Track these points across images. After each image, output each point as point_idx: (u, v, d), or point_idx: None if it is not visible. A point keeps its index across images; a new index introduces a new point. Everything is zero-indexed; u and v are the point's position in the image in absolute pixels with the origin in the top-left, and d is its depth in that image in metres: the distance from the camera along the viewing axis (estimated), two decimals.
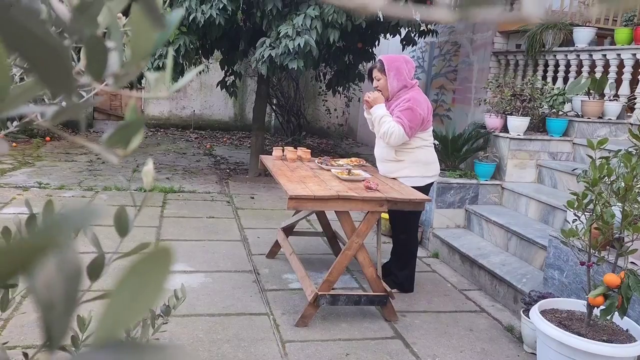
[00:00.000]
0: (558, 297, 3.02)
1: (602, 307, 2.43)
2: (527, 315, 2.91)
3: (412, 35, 6.72)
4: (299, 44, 5.06)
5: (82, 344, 0.74)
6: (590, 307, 2.53)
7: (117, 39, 0.30)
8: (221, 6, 5.14)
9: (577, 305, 2.78)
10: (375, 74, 3.56)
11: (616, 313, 2.37)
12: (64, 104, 0.33)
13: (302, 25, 5.10)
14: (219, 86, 7.05)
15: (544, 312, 2.68)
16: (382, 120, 3.45)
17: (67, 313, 0.21)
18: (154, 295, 0.20)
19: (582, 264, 2.60)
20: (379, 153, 3.65)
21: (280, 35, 5.18)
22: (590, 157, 2.48)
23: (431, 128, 3.61)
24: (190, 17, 5.18)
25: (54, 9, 0.31)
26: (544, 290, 3.20)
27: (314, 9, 5.11)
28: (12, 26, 0.18)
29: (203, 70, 8.41)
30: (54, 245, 0.19)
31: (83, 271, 0.22)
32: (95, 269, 0.52)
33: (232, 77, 6.89)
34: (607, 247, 2.75)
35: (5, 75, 0.22)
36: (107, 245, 0.72)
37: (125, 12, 0.38)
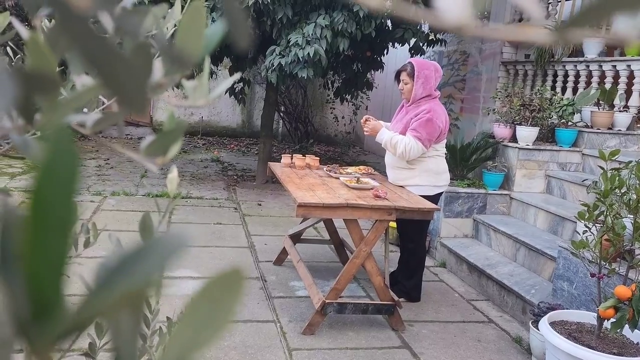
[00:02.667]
0: (567, 308, 3.00)
1: (612, 319, 2.41)
2: (536, 327, 2.89)
3: (420, 44, 6.73)
4: (308, 53, 5.09)
5: (100, 350, 0.74)
6: (601, 319, 2.51)
7: (163, 46, 0.30)
8: None
9: (587, 317, 2.75)
10: (404, 77, 3.50)
11: (627, 326, 2.35)
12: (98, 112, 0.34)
13: (312, 34, 5.12)
14: (227, 93, 7.08)
15: (553, 324, 2.66)
16: (392, 141, 3.42)
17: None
18: (224, 320, 0.20)
19: (593, 275, 2.58)
20: (390, 160, 3.64)
21: (290, 43, 5.21)
22: (602, 168, 2.47)
23: (445, 139, 3.60)
24: None
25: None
26: (552, 301, 3.18)
27: (324, 18, 5.13)
28: (95, 45, 0.18)
29: (212, 77, 8.46)
30: (151, 287, 0.18)
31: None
32: None
33: (241, 84, 6.93)
34: (618, 259, 2.73)
35: (57, 89, 0.23)
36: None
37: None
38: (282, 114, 9.72)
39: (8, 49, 0.90)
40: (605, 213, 2.44)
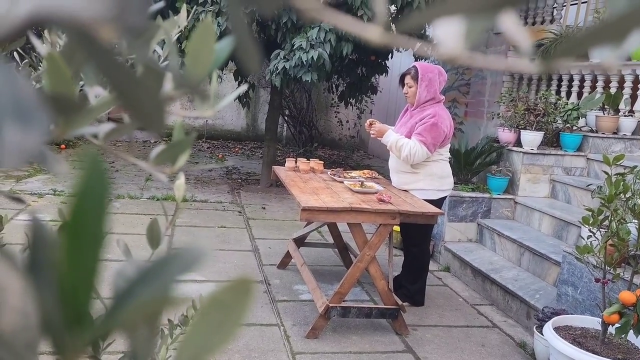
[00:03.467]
0: (572, 314, 2.99)
1: (617, 325, 2.40)
2: (540, 332, 2.88)
3: (425, 48, 6.73)
4: (312, 57, 5.10)
5: (103, 351, 0.75)
6: (605, 324, 2.51)
7: (173, 61, 0.31)
8: None
9: (592, 322, 2.75)
10: (408, 80, 3.52)
11: (631, 331, 2.34)
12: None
13: (316, 38, 5.14)
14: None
15: (557, 329, 2.65)
16: (398, 144, 3.43)
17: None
18: (232, 328, 0.21)
19: (597, 280, 2.57)
20: (394, 164, 3.65)
21: (295, 47, 5.22)
22: (606, 173, 2.47)
23: (449, 144, 3.61)
24: None
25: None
26: (557, 306, 3.17)
27: (328, 22, 5.15)
28: (120, 74, 0.19)
29: (217, 81, 8.49)
30: (169, 300, 0.19)
31: None
32: None
33: (245, 88, 6.95)
34: (623, 264, 2.72)
35: (79, 112, 0.24)
36: (123, 255, 0.74)
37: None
38: (286, 118, 9.74)
39: (15, 54, 0.91)
40: (609, 218, 2.44)
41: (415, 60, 6.92)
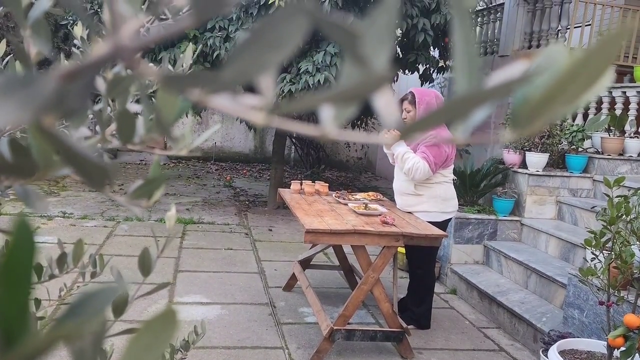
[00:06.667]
0: (578, 337, 2.96)
1: (622, 348, 2.38)
2: (547, 355, 2.85)
3: (430, 72, 6.81)
4: (319, 80, 5.18)
5: None
6: (611, 348, 2.48)
7: (146, 107, 0.35)
8: None
9: (598, 346, 2.72)
10: (406, 105, 3.58)
11: (637, 355, 2.32)
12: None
13: (322, 61, 5.22)
14: (239, 119, 7.21)
15: (563, 353, 2.63)
16: (405, 157, 3.47)
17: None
18: (158, 352, 0.24)
19: (602, 303, 2.55)
20: (398, 186, 3.67)
21: (301, 71, 5.31)
22: (607, 195, 2.47)
23: (452, 165, 3.64)
24: (215, 54, 5.35)
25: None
26: (563, 329, 3.14)
27: (334, 47, 5.24)
28: (69, 151, 0.22)
29: None
30: (79, 335, 0.22)
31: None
32: (119, 305, 0.56)
33: None
34: (627, 286, 2.71)
35: (50, 150, 0.28)
36: (128, 276, 0.77)
37: None
38: (293, 140, 9.83)
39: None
40: (612, 240, 2.43)
41: (422, 83, 6.99)
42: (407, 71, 6.47)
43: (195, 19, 0.22)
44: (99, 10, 5.26)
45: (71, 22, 5.94)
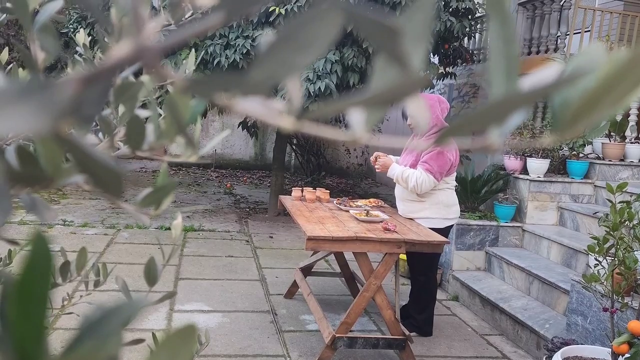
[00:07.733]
0: (582, 343, 2.95)
1: (627, 355, 2.37)
2: None
3: (430, 78, 6.82)
4: (319, 87, 5.18)
5: None
6: (615, 355, 2.47)
7: (154, 114, 0.34)
8: (244, 51, 5.32)
9: (601, 352, 2.70)
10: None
11: None
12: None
13: (322, 69, 5.23)
14: (240, 126, 7.21)
15: None
16: (404, 176, 3.46)
17: None
18: None
19: (605, 310, 2.54)
20: (400, 192, 3.66)
21: (302, 78, 5.31)
22: (610, 201, 2.47)
23: (455, 172, 3.63)
24: (215, 62, 5.36)
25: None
26: (567, 336, 3.13)
27: (334, 54, 5.25)
28: (84, 155, 0.22)
29: (224, 112, 8.63)
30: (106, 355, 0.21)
31: None
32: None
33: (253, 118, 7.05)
34: (631, 292, 2.69)
35: (59, 158, 0.27)
36: (129, 284, 0.76)
37: None
38: (294, 147, 9.83)
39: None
40: (615, 246, 2.42)
41: (422, 91, 7.00)
42: None
43: (224, 18, 0.22)
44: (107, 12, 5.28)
45: (72, 30, 5.95)
